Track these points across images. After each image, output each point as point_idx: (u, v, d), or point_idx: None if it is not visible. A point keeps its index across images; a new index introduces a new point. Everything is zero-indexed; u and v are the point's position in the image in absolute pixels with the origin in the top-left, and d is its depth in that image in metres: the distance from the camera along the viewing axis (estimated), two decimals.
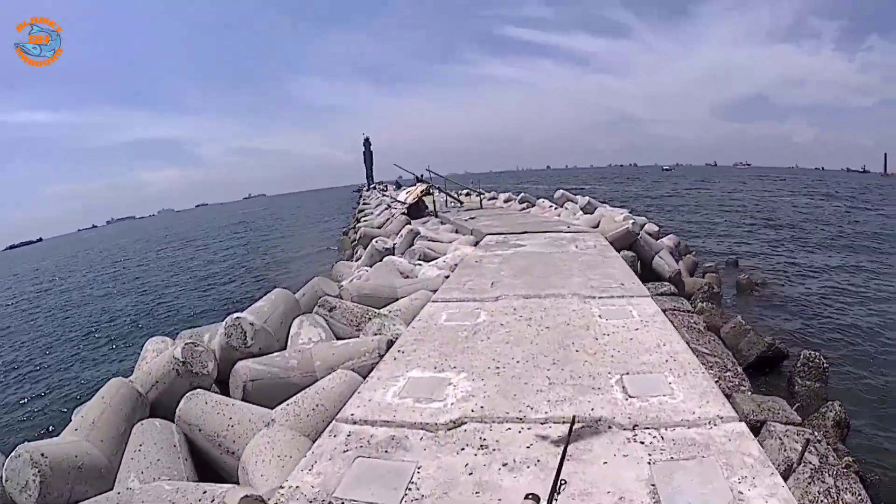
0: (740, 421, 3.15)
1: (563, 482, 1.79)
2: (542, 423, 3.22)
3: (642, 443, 2.93)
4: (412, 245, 12.56)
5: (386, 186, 63.31)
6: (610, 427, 3.11)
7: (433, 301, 6.28)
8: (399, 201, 21.55)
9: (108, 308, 20.67)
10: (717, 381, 5.34)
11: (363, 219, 24.52)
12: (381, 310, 6.69)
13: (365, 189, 67.12)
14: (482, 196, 23.22)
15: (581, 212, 16.34)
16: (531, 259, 8.51)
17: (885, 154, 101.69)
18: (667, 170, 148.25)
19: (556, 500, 1.70)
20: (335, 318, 6.24)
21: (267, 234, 45.43)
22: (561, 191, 18.73)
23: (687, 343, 4.56)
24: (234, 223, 72.77)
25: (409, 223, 14.96)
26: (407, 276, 8.88)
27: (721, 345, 7.25)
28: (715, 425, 3.06)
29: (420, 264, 9.45)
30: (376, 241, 10.41)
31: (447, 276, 7.88)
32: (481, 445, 3.02)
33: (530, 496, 1.63)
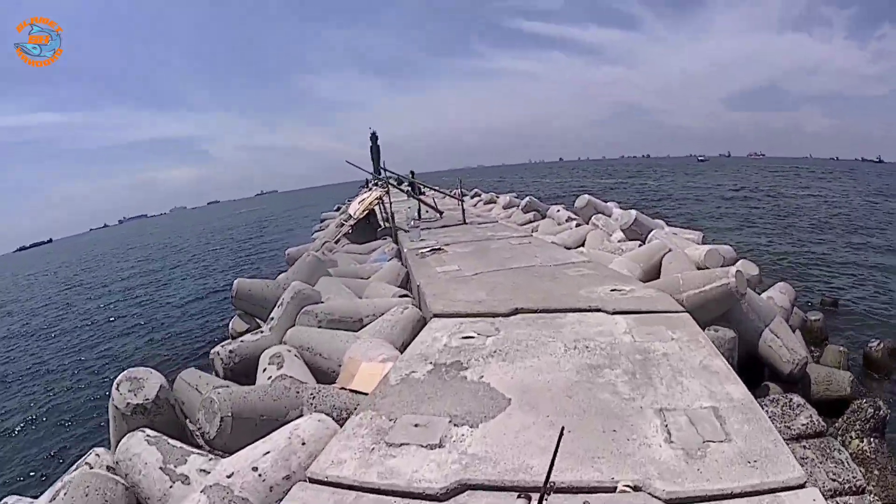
0: None
1: (552, 484, 1.82)
2: None
3: None
4: (283, 336, 6.22)
5: (386, 182, 56.78)
6: None
7: None
8: (350, 215, 14.92)
9: None
10: None
11: (314, 235, 18.00)
12: None
13: (365, 187, 60.22)
14: (473, 198, 16.50)
15: (622, 234, 9.72)
16: None
17: None
18: (702, 160, 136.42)
19: (546, 500, 1.72)
20: None
21: (232, 248, 38.59)
22: (587, 197, 12.00)
23: None
24: (224, 228, 66.95)
25: (311, 273, 8.51)
26: None
27: None
28: None
29: (182, 477, 3.05)
30: (117, 388, 3.86)
31: None
32: None
33: (522, 496, 1.75)
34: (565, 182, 66.85)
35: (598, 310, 5.23)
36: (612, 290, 5.78)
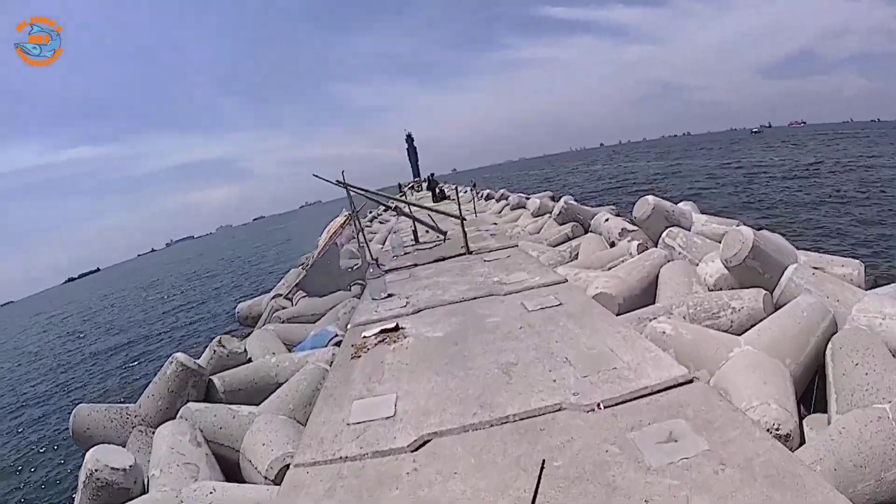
0: None
1: None
2: None
3: None
4: None
5: (420, 185, 53.38)
6: None
7: None
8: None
9: None
10: None
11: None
12: None
13: (403, 188, 56.34)
14: (498, 202, 12.27)
15: (721, 267, 5.31)
16: None
17: None
18: (756, 132, 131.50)
19: None
20: None
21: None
22: (651, 200, 7.34)
23: None
24: (256, 249, 64.73)
25: (171, 398, 4.62)
26: None
27: None
28: None
29: None
30: None
31: None
32: None
33: None
34: (610, 169, 61.12)
35: None
36: None
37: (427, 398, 3.54)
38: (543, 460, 2.54)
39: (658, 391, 3.07)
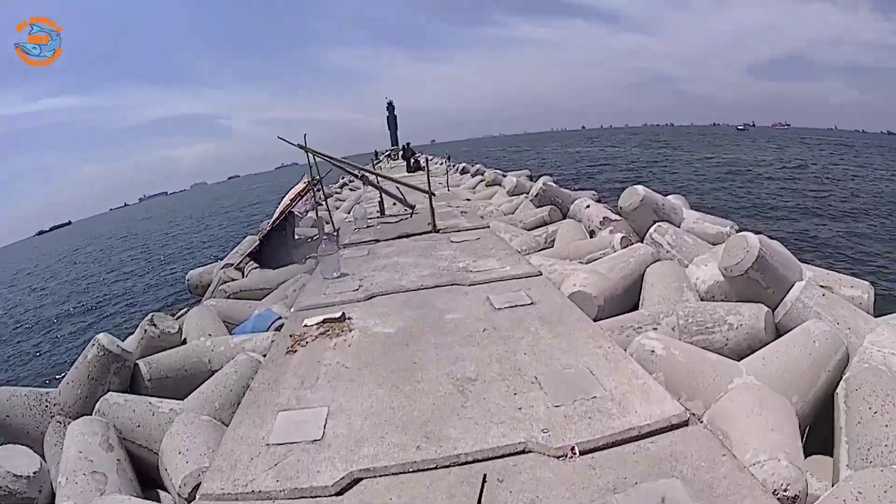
0: None
1: None
2: None
3: None
4: None
5: (395, 154, 52.15)
6: None
7: None
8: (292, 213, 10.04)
9: None
10: None
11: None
12: None
13: (379, 156, 54.88)
14: (474, 177, 11.64)
15: (717, 273, 4.78)
16: None
17: None
18: (741, 129, 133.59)
19: None
20: None
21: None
22: (641, 190, 6.68)
23: None
24: (226, 206, 63.28)
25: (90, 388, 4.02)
26: None
27: None
28: None
29: None
30: None
31: None
32: None
33: None
34: (591, 152, 60.57)
35: None
36: None
37: (363, 418, 2.91)
38: (485, 475, 2.24)
39: (647, 434, 2.49)
